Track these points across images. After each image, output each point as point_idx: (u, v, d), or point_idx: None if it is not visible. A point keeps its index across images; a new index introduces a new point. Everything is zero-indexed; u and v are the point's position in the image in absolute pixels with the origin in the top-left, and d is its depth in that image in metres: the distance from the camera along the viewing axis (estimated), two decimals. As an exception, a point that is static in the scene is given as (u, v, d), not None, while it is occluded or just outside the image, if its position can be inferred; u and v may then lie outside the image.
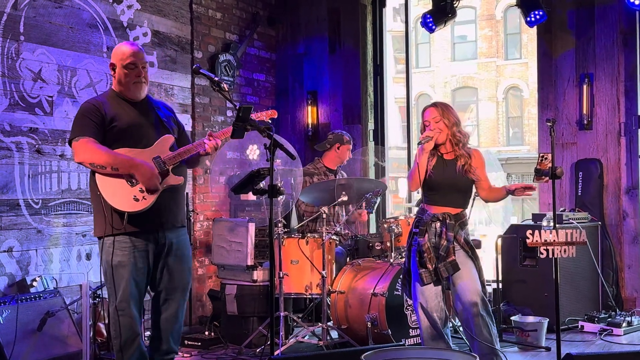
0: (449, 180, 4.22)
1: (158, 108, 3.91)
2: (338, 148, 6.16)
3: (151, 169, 3.64)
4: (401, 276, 4.51)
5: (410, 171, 4.27)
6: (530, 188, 4.16)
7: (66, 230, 5.54)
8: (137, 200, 3.62)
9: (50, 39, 5.46)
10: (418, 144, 4.17)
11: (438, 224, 4.17)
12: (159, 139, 3.77)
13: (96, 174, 3.63)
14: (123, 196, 3.61)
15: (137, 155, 3.67)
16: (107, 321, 5.11)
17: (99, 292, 5.02)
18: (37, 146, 5.35)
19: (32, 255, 5.28)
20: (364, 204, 5.57)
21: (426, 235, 4.16)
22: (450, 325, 5.39)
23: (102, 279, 3.77)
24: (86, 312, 4.73)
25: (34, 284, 5.14)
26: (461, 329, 4.96)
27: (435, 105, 4.33)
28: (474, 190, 4.34)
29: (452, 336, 5.45)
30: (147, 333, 5.56)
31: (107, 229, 3.66)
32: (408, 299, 5.04)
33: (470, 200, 4.37)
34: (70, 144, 3.71)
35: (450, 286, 4.20)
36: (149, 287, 3.87)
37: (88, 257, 5.70)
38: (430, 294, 4.17)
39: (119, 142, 3.67)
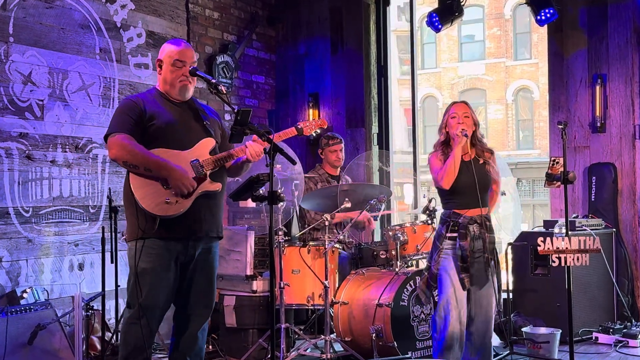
0: (476, 181, 4.28)
1: (202, 111, 3.86)
2: (321, 153, 6.21)
3: (184, 173, 3.58)
4: (421, 281, 4.53)
5: (442, 167, 4.28)
6: None
7: (58, 240, 5.54)
8: (169, 204, 3.56)
9: (41, 40, 5.47)
10: (464, 134, 4.23)
11: (476, 227, 4.25)
12: (199, 142, 3.72)
13: (131, 174, 3.59)
14: (156, 199, 3.56)
15: (174, 157, 3.62)
16: (100, 334, 5.11)
17: (92, 304, 5.02)
18: (27, 152, 5.35)
19: (23, 265, 5.28)
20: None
21: (468, 239, 4.23)
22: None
23: (127, 283, 3.69)
24: (79, 325, 4.72)
25: (25, 295, 5.14)
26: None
27: (465, 102, 4.47)
28: None
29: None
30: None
31: (137, 232, 3.60)
32: (426, 306, 5.05)
33: None
34: (105, 140, 3.66)
35: (472, 294, 4.29)
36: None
37: (81, 267, 5.70)
38: (464, 300, 4.25)
39: (157, 142, 3.62)
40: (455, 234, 4.28)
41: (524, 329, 5.51)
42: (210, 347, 5.61)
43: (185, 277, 3.74)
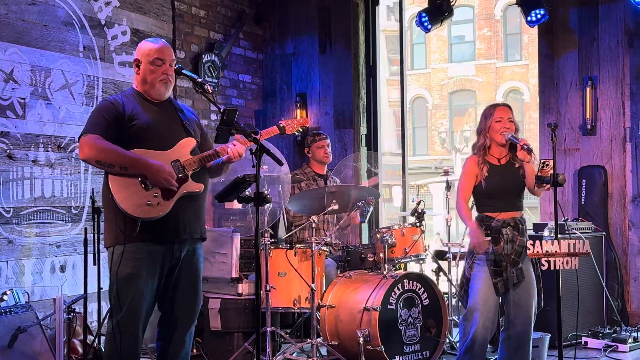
0: (510, 185, 4.35)
1: (181, 110, 3.84)
2: (308, 152, 6.26)
3: (161, 167, 3.54)
4: (459, 288, 4.59)
5: (463, 207, 4.40)
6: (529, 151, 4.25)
7: (39, 241, 5.51)
8: (151, 205, 3.53)
9: (23, 37, 5.44)
10: (527, 150, 4.25)
11: (509, 230, 4.29)
12: (179, 142, 3.70)
13: (110, 176, 3.54)
14: (136, 200, 3.52)
15: (154, 157, 3.58)
16: (82, 337, 5.09)
17: (73, 306, 4.99)
18: (8, 151, 5.32)
19: (3, 267, 5.25)
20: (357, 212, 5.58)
21: (501, 243, 4.26)
22: (447, 341, 5.40)
23: (109, 291, 3.64)
24: (60, 328, 4.69)
25: (5, 297, 5.10)
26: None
27: (508, 105, 4.50)
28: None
29: (448, 352, 5.47)
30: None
31: (118, 236, 3.56)
32: (403, 313, 5.06)
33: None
34: (79, 141, 3.61)
35: (512, 297, 4.30)
36: (157, 305, 3.77)
37: (62, 269, 5.67)
38: (493, 306, 4.28)
39: (137, 142, 3.59)
40: (488, 239, 4.31)
41: (512, 333, 5.52)
42: (195, 350, 5.59)
43: (171, 281, 3.71)
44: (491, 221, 4.33)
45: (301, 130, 4.16)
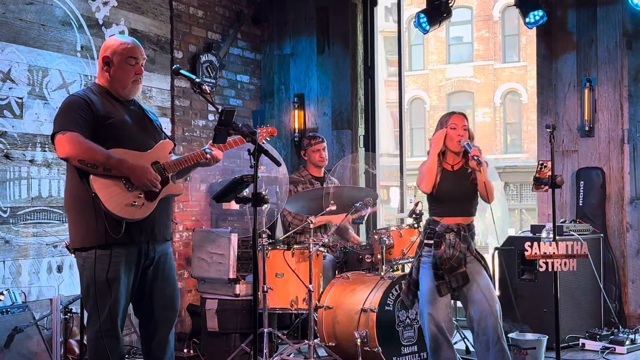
0: (460, 191, 4.39)
1: (146, 111, 3.83)
2: (304, 154, 6.27)
3: (147, 169, 3.52)
4: (404, 286, 4.64)
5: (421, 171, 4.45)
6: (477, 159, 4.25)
7: (36, 241, 5.51)
8: (136, 206, 3.50)
9: (21, 36, 5.43)
10: (476, 161, 4.25)
11: (452, 235, 4.33)
12: (159, 143, 3.69)
13: (91, 175, 3.44)
14: (121, 200, 3.47)
15: (134, 158, 3.54)
16: (79, 337, 5.08)
17: (70, 306, 4.99)
18: (5, 151, 5.31)
19: (0, 267, 5.25)
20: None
21: (442, 247, 4.31)
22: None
23: (84, 295, 3.60)
24: (57, 328, 4.69)
25: (1, 297, 5.10)
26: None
27: (463, 114, 4.57)
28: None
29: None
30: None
31: (97, 238, 3.48)
32: (401, 314, 5.06)
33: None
34: (52, 138, 3.52)
35: (467, 296, 4.35)
36: (133, 309, 3.76)
37: (59, 269, 5.66)
38: (441, 305, 4.34)
39: (113, 141, 3.53)
40: (431, 242, 4.39)
41: (510, 335, 5.53)
42: (192, 351, 5.60)
43: (146, 284, 3.69)
44: (436, 225, 4.39)
45: (269, 139, 4.17)
